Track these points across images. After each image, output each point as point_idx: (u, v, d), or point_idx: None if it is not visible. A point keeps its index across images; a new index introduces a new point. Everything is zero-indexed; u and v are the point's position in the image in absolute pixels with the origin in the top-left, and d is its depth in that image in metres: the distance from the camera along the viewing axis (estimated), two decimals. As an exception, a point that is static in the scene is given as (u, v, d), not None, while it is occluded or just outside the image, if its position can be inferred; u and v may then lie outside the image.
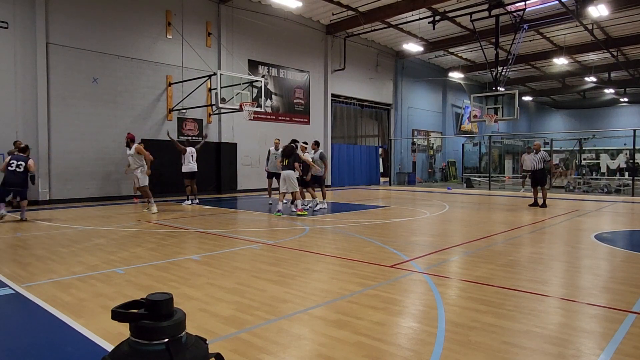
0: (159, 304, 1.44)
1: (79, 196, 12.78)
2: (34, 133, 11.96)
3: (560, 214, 10.17)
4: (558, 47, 23.00)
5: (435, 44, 22.33)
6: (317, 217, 9.73)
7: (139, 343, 1.42)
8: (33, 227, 8.12)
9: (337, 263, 5.27)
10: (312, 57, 19.68)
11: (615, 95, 32.32)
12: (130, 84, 13.83)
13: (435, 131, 28.10)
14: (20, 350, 2.86)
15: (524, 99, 34.59)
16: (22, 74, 11.78)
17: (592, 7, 15.48)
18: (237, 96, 13.57)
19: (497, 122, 19.68)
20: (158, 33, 14.49)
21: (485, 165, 25.45)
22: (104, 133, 13.26)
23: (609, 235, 7.30)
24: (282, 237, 7.04)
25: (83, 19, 12.76)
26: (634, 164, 17.95)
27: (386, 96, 24.11)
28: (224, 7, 16.02)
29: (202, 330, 3.10)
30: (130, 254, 5.73)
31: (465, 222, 8.96)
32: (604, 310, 3.58)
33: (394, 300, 3.80)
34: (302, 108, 19.44)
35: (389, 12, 17.59)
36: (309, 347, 2.86)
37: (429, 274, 4.70)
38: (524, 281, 4.43)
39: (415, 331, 3.12)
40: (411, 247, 6.29)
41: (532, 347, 2.83)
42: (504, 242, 6.68)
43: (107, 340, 2.93)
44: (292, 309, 3.58)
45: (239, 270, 4.89)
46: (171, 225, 8.35)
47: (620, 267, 5.16)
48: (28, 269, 4.94)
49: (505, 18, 17.38)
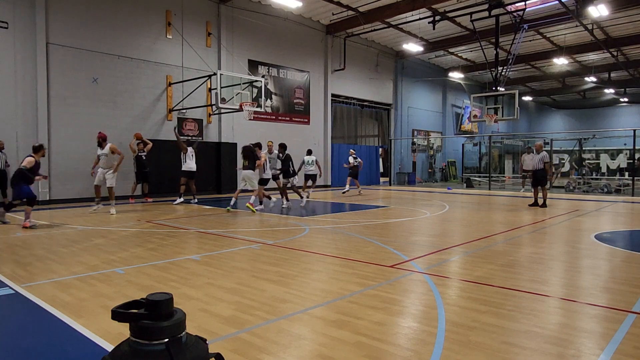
0: (159, 304, 1.44)
1: (79, 196, 12.77)
2: (34, 133, 11.96)
3: (560, 214, 10.17)
4: (558, 47, 23.00)
5: (435, 44, 22.33)
6: (317, 217, 9.73)
7: (139, 343, 1.42)
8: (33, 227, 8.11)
9: (337, 263, 5.27)
10: (312, 57, 19.68)
11: (615, 95, 32.31)
12: (130, 84, 13.83)
13: (435, 131, 28.10)
14: (20, 350, 2.86)
15: (524, 99, 34.60)
16: (22, 74, 11.78)
17: (592, 7, 15.48)
18: (237, 96, 13.57)
19: (497, 122, 19.68)
20: (158, 33, 14.48)
21: (485, 165, 25.45)
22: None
23: (609, 235, 7.30)
24: (282, 237, 7.04)
25: (83, 19, 12.76)
26: (634, 164, 17.94)
27: (386, 96, 24.11)
28: (224, 7, 16.02)
29: (202, 330, 3.10)
30: (130, 254, 5.73)
31: (465, 222, 8.96)
32: (604, 310, 3.58)
33: (394, 300, 3.80)
34: (302, 108, 19.44)
35: (389, 12, 17.60)
36: (309, 347, 2.86)
37: (429, 274, 4.70)
38: (524, 281, 4.43)
39: (415, 331, 3.12)
40: (411, 247, 6.29)
41: (532, 347, 2.83)
42: (504, 242, 6.68)
43: (107, 340, 2.93)
44: (292, 309, 3.58)
45: (239, 270, 4.89)
46: (171, 225, 8.35)
47: (620, 267, 5.16)
48: (28, 269, 4.94)
49: (505, 18, 17.39)
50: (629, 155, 21.21)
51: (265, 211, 10.75)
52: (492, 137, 26.67)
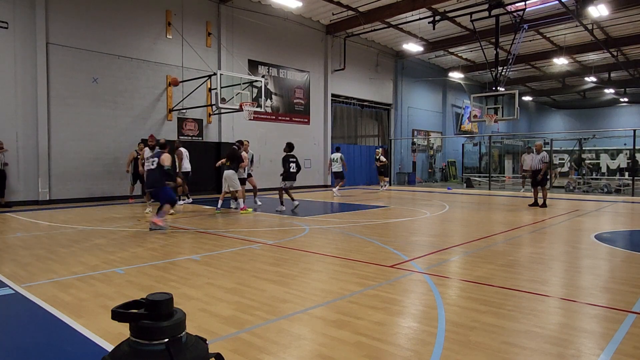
0: (159, 304, 1.44)
1: (79, 196, 12.78)
2: (34, 133, 11.96)
3: (560, 214, 10.17)
4: (558, 47, 23.00)
5: (435, 44, 22.33)
6: (317, 217, 9.73)
7: (139, 343, 1.42)
8: (33, 227, 8.12)
9: (337, 263, 5.27)
10: (312, 57, 19.68)
11: (615, 95, 32.31)
12: (130, 84, 13.83)
13: (435, 131, 28.10)
14: (20, 350, 2.86)
15: (524, 99, 34.60)
16: (22, 74, 11.78)
17: (592, 7, 15.48)
18: (237, 96, 13.57)
19: (497, 122, 19.67)
20: (158, 33, 14.48)
21: (485, 165, 25.44)
22: (104, 133, 13.26)
23: (609, 235, 7.30)
24: (282, 237, 7.04)
25: (83, 19, 12.76)
26: (634, 164, 17.93)
27: (386, 96, 24.11)
28: (224, 7, 16.02)
29: (202, 330, 3.10)
30: (130, 254, 5.73)
31: (465, 222, 8.96)
32: (604, 310, 3.58)
33: (394, 300, 3.80)
34: (302, 108, 19.44)
35: (389, 12, 17.60)
36: (309, 347, 2.86)
37: (429, 274, 4.70)
38: (524, 281, 4.43)
39: (415, 331, 3.12)
40: (411, 247, 6.29)
41: (532, 347, 2.83)
42: (504, 242, 6.68)
43: (107, 340, 2.93)
44: (292, 309, 3.58)
45: (239, 270, 4.89)
46: (171, 225, 8.34)
47: (620, 267, 5.16)
48: (28, 269, 4.94)
49: (505, 18, 17.38)
50: (629, 155, 21.21)
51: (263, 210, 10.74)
52: (492, 137, 26.65)
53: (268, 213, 10.45)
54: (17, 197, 11.78)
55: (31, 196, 12.02)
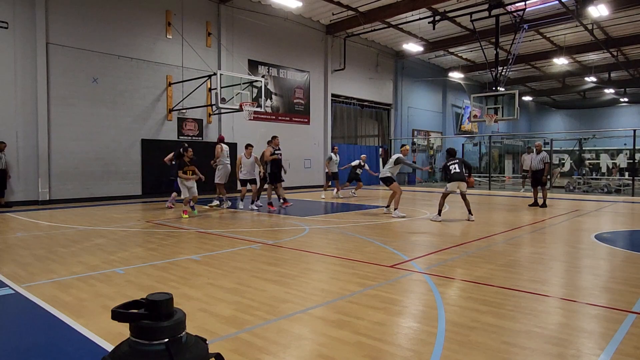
0: (159, 304, 1.44)
1: (79, 196, 12.77)
2: (34, 133, 11.96)
3: (560, 214, 10.17)
4: (558, 47, 22.99)
5: (435, 44, 22.32)
6: (317, 217, 9.73)
7: (139, 343, 1.42)
8: (33, 227, 8.12)
9: (337, 263, 5.27)
10: (312, 57, 19.68)
11: (615, 95, 32.29)
12: (130, 84, 13.83)
13: (435, 131, 28.10)
14: (20, 350, 2.86)
15: (524, 99, 34.57)
16: (22, 74, 11.78)
17: (592, 7, 15.48)
18: (237, 96, 13.56)
19: (497, 122, 19.66)
20: (158, 33, 14.48)
21: (485, 165, 25.45)
22: (104, 133, 13.25)
23: (609, 235, 7.30)
24: (282, 237, 7.04)
25: (83, 19, 12.76)
26: (634, 164, 17.93)
27: (386, 96, 24.11)
28: (224, 7, 16.02)
29: (202, 330, 3.10)
30: (130, 254, 5.73)
31: (465, 222, 8.96)
32: (604, 310, 3.58)
33: (394, 300, 3.80)
34: (302, 108, 19.44)
35: (389, 12, 17.59)
36: (309, 347, 2.86)
37: (429, 274, 4.70)
38: (524, 281, 4.43)
39: (415, 331, 3.12)
40: (411, 247, 6.29)
41: (532, 347, 2.83)
42: (504, 242, 6.68)
43: (107, 340, 2.93)
44: (292, 309, 3.58)
45: (239, 270, 4.89)
46: (171, 225, 8.34)
47: (620, 267, 5.16)
48: (28, 269, 4.94)
49: (505, 18, 17.37)
50: (629, 155, 21.20)
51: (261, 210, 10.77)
52: (492, 137, 26.65)
53: (268, 213, 10.46)
54: (17, 197, 11.78)
55: (31, 196, 12.02)
